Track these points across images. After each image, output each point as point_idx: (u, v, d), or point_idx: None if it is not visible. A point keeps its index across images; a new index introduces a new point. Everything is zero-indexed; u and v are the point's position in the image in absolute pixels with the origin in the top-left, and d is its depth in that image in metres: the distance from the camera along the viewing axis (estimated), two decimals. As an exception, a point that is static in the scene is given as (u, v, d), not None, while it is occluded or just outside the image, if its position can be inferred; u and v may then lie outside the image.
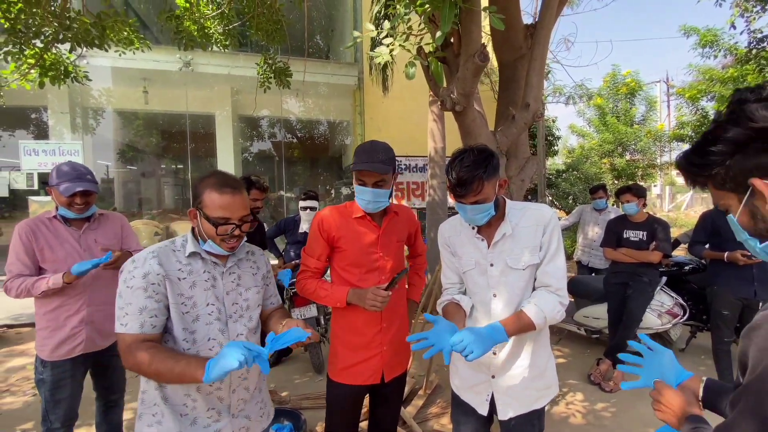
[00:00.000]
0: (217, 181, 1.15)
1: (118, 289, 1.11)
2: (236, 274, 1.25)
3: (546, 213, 1.35)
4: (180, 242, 1.20)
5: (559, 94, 8.69)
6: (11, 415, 2.76)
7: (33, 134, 7.69)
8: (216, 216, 1.12)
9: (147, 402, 1.14)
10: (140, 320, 1.08)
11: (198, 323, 1.14)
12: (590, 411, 2.84)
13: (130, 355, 1.06)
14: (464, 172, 1.21)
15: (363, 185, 1.50)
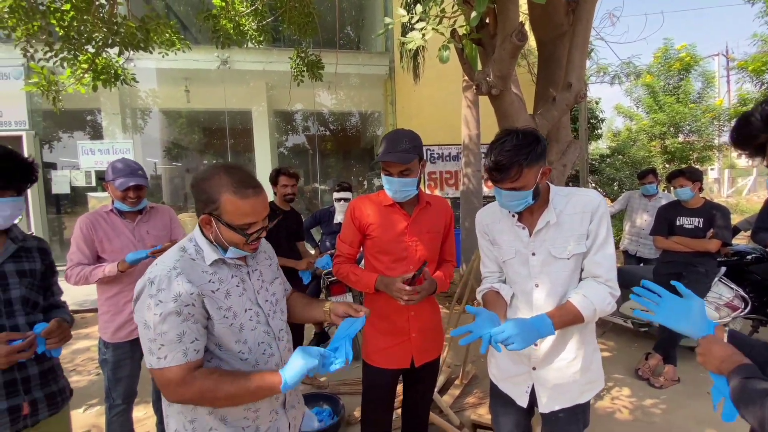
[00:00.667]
0: (234, 182, 1.00)
1: (141, 316, 0.97)
2: (258, 271, 1.18)
3: (594, 199, 1.26)
4: (193, 249, 1.06)
5: (604, 73, 8.16)
6: (78, 392, 3.00)
7: (89, 135, 8.27)
8: (241, 223, 1.01)
9: (200, 429, 1.05)
10: (182, 349, 0.95)
11: (245, 331, 1.07)
12: (638, 407, 2.70)
13: (185, 388, 0.96)
14: (503, 157, 1.15)
15: (389, 175, 1.51)
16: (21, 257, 1.30)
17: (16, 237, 1.31)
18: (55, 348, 1.24)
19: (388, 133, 1.55)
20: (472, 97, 4.85)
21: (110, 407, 1.96)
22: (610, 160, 8.94)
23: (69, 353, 3.75)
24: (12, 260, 1.27)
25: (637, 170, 5.55)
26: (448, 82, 7.15)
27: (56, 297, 1.45)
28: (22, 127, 6.73)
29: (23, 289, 1.27)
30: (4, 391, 1.21)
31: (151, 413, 2.42)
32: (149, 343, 0.96)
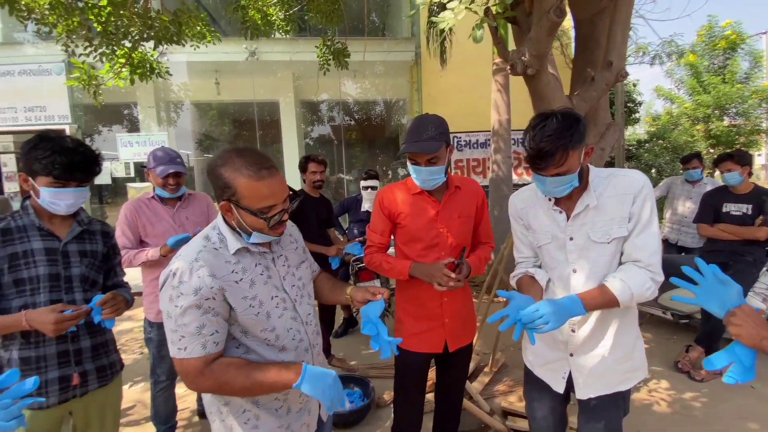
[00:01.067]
0: (247, 164, 0.97)
1: (164, 307, 0.98)
2: (284, 256, 1.16)
3: (637, 180, 1.20)
4: (216, 237, 1.05)
5: (643, 53, 7.70)
6: (125, 369, 3.22)
7: (126, 128, 8.65)
8: (261, 207, 0.98)
9: (235, 410, 1.08)
10: (201, 341, 0.96)
11: (272, 319, 1.06)
12: (677, 400, 2.61)
13: (203, 379, 0.98)
14: (546, 142, 1.08)
15: (416, 164, 1.48)
16: (84, 239, 1.39)
17: (82, 220, 1.40)
18: (109, 318, 1.31)
19: (412, 121, 1.51)
20: (503, 81, 4.71)
21: (155, 383, 2.08)
22: (649, 146, 8.49)
23: (114, 333, 3.98)
24: (76, 241, 1.36)
25: (678, 156, 5.26)
26: (475, 67, 6.98)
27: (119, 277, 1.55)
28: (65, 121, 7.10)
29: (83, 268, 1.36)
30: (56, 361, 1.29)
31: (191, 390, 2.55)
32: (171, 333, 0.98)
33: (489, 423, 2.18)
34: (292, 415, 1.13)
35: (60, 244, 1.32)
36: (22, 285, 1.26)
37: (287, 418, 1.12)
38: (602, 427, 1.28)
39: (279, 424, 1.10)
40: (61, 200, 1.27)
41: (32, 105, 7.01)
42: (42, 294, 1.27)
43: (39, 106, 7.03)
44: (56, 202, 1.27)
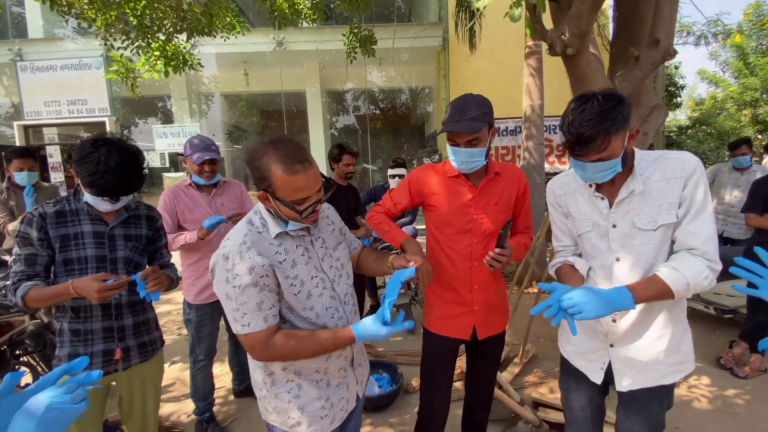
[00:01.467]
0: (282, 159, 1.00)
1: (222, 289, 1.04)
2: (321, 238, 1.20)
3: (689, 162, 1.10)
4: (259, 222, 1.10)
5: (687, 33, 7.22)
6: (165, 349, 3.38)
7: (161, 120, 8.98)
8: (293, 199, 1.02)
9: (279, 381, 1.15)
10: (262, 316, 1.04)
11: (312, 298, 1.12)
12: (718, 396, 2.49)
13: (268, 350, 1.06)
14: (587, 127, 1.01)
15: (455, 145, 1.40)
16: (130, 224, 1.46)
17: (129, 206, 1.46)
18: (153, 292, 1.35)
19: (455, 100, 1.43)
20: (536, 65, 4.54)
21: (194, 362, 2.18)
22: (692, 132, 8.03)
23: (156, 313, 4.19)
24: (122, 225, 1.43)
25: (724, 142, 4.94)
26: (505, 52, 6.77)
27: (164, 258, 1.60)
28: (105, 113, 7.44)
29: (127, 251, 1.43)
30: (102, 335, 1.39)
31: (227, 370, 2.66)
32: (233, 312, 1.03)
33: (520, 413, 2.15)
34: (331, 389, 1.18)
35: (107, 228, 1.39)
36: (71, 264, 1.34)
37: (327, 391, 1.17)
38: (643, 422, 1.24)
39: (319, 395, 1.16)
40: (102, 205, 1.34)
41: (74, 98, 7.38)
42: (89, 273, 1.34)
43: (80, 99, 7.39)
44: (99, 205, 1.34)
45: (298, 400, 1.14)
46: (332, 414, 1.18)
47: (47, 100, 7.35)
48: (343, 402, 1.22)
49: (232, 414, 2.45)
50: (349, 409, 1.25)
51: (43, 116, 7.40)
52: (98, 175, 1.24)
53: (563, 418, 1.47)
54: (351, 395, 1.25)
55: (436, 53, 7.68)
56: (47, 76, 7.28)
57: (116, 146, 1.27)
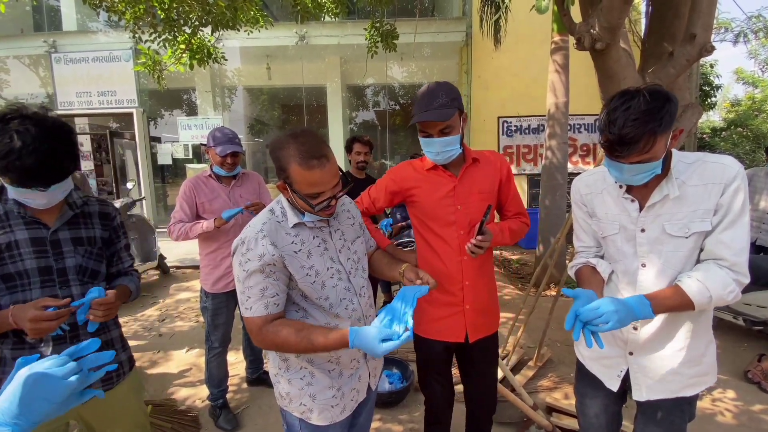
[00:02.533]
0: (301, 156, 1.02)
1: (236, 272, 1.09)
2: (340, 231, 1.22)
3: (731, 168, 1.04)
4: (279, 211, 1.13)
5: (726, 29, 6.87)
6: (182, 335, 3.50)
7: (185, 112, 9.16)
8: (308, 193, 1.04)
9: (293, 367, 1.18)
10: (264, 302, 1.07)
11: (327, 288, 1.14)
12: (744, 411, 2.38)
13: (263, 336, 1.08)
14: (631, 127, 0.94)
15: (428, 136, 1.36)
16: (78, 224, 1.20)
17: (74, 203, 1.19)
18: (95, 322, 1.11)
19: (420, 90, 1.39)
20: (562, 61, 4.41)
21: (209, 349, 2.23)
22: (726, 134, 7.67)
23: (173, 302, 4.32)
24: (67, 227, 1.17)
25: (760, 145, 4.68)
26: (529, 48, 6.61)
27: (124, 264, 1.32)
28: (133, 105, 7.65)
29: (78, 258, 1.17)
30: None
31: (242, 358, 2.71)
32: (240, 294, 1.09)
33: (532, 417, 2.11)
34: (343, 379, 1.20)
35: (48, 233, 1.13)
36: (12, 280, 1.09)
37: (339, 381, 1.19)
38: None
39: (331, 385, 1.18)
40: (30, 199, 1.07)
41: (104, 90, 7.62)
42: (34, 290, 1.10)
43: (110, 90, 7.63)
44: (26, 201, 1.08)
45: (310, 388, 1.17)
46: (342, 404, 1.20)
47: (79, 91, 7.62)
48: (353, 393, 1.23)
49: (245, 402, 2.50)
50: (359, 400, 1.25)
51: (75, 107, 7.67)
52: (13, 156, 0.96)
53: (577, 425, 1.43)
54: (362, 386, 1.26)
55: (458, 49, 7.56)
56: (80, 68, 7.54)
57: (31, 119, 1.00)
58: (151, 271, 5.16)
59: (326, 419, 1.17)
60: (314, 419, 1.17)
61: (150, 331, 3.59)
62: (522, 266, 5.59)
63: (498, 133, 7.34)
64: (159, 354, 3.15)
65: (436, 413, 1.69)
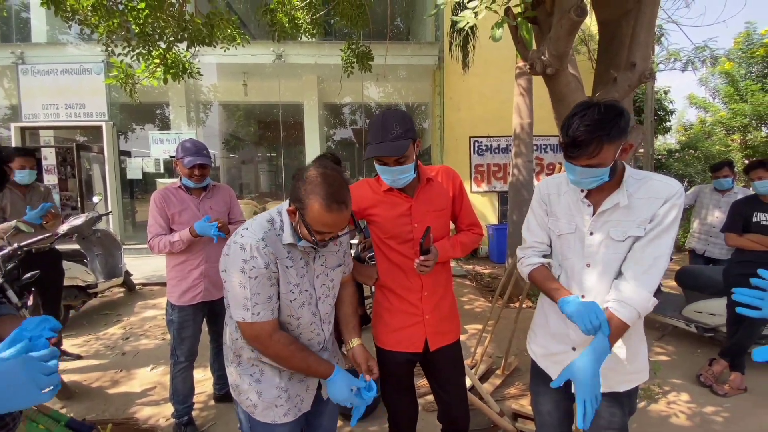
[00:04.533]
0: (326, 195, 1.05)
1: (236, 278, 1.08)
2: (324, 257, 1.26)
3: (673, 186, 1.16)
4: (278, 224, 1.17)
5: (675, 59, 7.47)
6: (147, 353, 3.38)
7: (158, 127, 9.03)
8: (318, 230, 1.08)
9: (244, 363, 1.23)
10: (271, 308, 1.11)
11: (303, 309, 1.19)
12: (697, 413, 2.51)
13: (271, 342, 1.12)
14: (582, 132, 1.06)
15: (384, 164, 1.40)
16: None
17: None
18: None
19: (374, 119, 1.40)
20: (526, 85, 4.68)
21: (174, 363, 2.17)
22: (680, 155, 8.22)
23: (138, 320, 4.17)
24: None
25: (710, 165, 5.07)
26: (497, 72, 6.96)
27: None
28: (102, 118, 7.48)
29: None
30: None
31: (209, 375, 2.65)
32: (245, 300, 1.09)
33: (498, 423, 2.16)
34: (292, 382, 1.25)
35: None
36: None
37: (288, 383, 1.24)
38: (605, 425, 1.26)
39: (278, 384, 1.23)
40: None
41: (73, 102, 7.43)
42: None
43: (79, 103, 7.44)
44: None
45: (258, 385, 1.22)
46: (287, 406, 1.23)
47: (45, 103, 7.39)
48: (298, 399, 1.26)
49: (212, 419, 2.44)
50: (303, 409, 1.27)
51: (40, 119, 7.43)
52: None
53: (539, 428, 1.49)
54: (308, 396, 1.28)
55: (431, 71, 7.86)
56: (47, 80, 7.34)
57: None
58: (116, 288, 4.98)
59: (268, 417, 1.22)
60: (258, 415, 1.22)
61: (113, 350, 3.45)
62: (493, 280, 5.73)
63: (470, 152, 7.60)
64: (121, 373, 3.03)
65: (399, 425, 1.69)
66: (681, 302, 3.47)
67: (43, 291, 2.93)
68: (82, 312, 4.35)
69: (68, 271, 3.44)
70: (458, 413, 1.64)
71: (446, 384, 1.62)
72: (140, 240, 7.86)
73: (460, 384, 1.65)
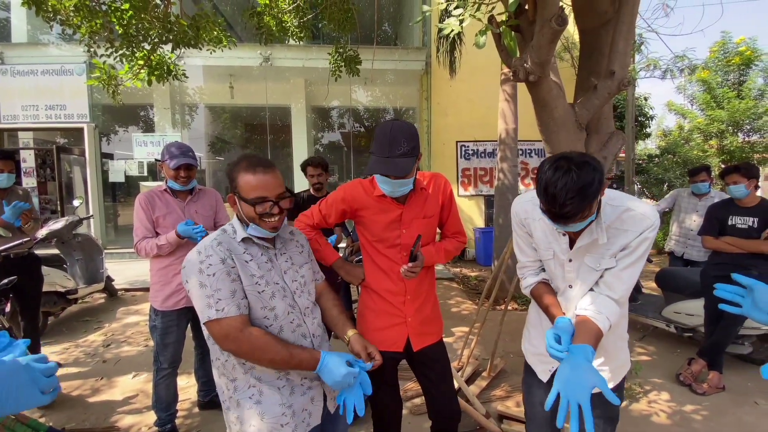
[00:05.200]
0: (249, 163, 1.15)
1: (195, 280, 1.09)
2: (287, 255, 1.27)
3: (648, 219, 1.15)
4: (230, 229, 1.21)
5: (654, 67, 7.71)
6: (129, 360, 3.30)
7: (142, 129, 8.88)
8: (252, 197, 1.12)
9: (241, 387, 1.16)
10: (236, 303, 1.09)
11: (275, 299, 1.17)
12: (677, 412, 2.58)
13: (243, 337, 1.08)
14: (570, 206, 1.01)
15: (385, 176, 1.39)
16: None
17: None
18: None
19: (381, 129, 1.38)
20: (511, 91, 4.76)
21: (157, 370, 2.13)
22: (659, 160, 8.45)
23: (120, 326, 4.07)
24: None
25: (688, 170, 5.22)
26: (484, 77, 7.06)
27: None
28: (84, 119, 7.33)
29: None
30: None
31: (193, 382, 2.60)
32: (207, 299, 1.08)
33: (484, 425, 2.18)
34: (295, 397, 1.19)
35: None
36: None
37: (290, 398, 1.18)
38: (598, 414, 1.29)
39: (281, 402, 1.16)
40: None
41: (53, 103, 7.26)
42: None
43: (59, 104, 7.27)
44: None
45: (259, 406, 1.15)
46: (294, 423, 1.17)
47: (25, 105, 7.20)
48: (305, 414, 1.21)
49: (196, 426, 2.40)
50: (312, 423, 1.22)
51: (19, 120, 7.23)
52: None
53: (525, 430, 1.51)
54: (315, 409, 1.24)
55: (419, 76, 7.93)
56: (28, 81, 7.16)
57: None
58: (97, 294, 4.86)
59: None
60: None
61: (93, 358, 3.36)
62: (480, 282, 5.78)
63: (456, 157, 7.67)
64: (102, 381, 2.95)
65: (383, 419, 1.71)
66: (661, 303, 3.56)
67: (21, 297, 2.84)
68: (62, 319, 4.23)
69: (47, 277, 3.35)
70: (452, 407, 1.68)
71: (439, 382, 1.64)
72: (123, 244, 7.70)
73: (450, 386, 1.68)
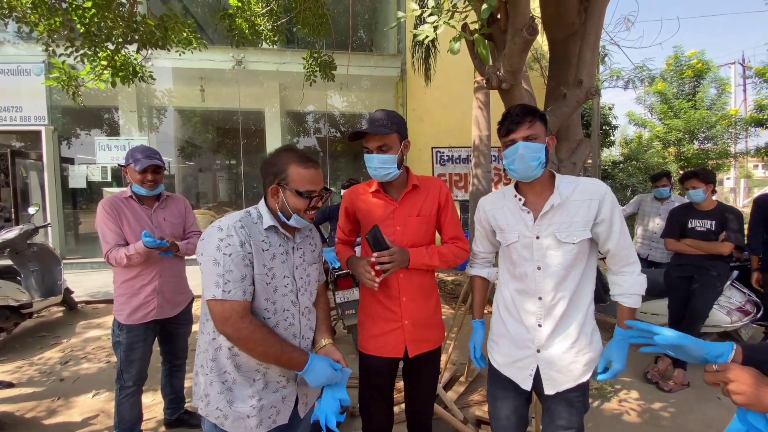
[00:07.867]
0: (300, 157, 1.20)
1: (209, 255, 1.10)
2: (302, 250, 1.30)
3: (600, 186, 1.29)
4: (255, 214, 1.22)
5: (617, 78, 8.11)
6: (89, 379, 3.10)
7: (106, 132, 8.46)
8: (305, 189, 1.18)
9: (217, 369, 1.17)
10: (243, 288, 1.10)
11: (277, 294, 1.19)
12: (646, 410, 2.67)
13: (242, 324, 1.09)
14: (517, 110, 1.27)
15: (368, 152, 1.50)
16: None
17: None
18: None
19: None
20: (483, 98, 4.86)
21: (121, 389, 2.00)
22: (623, 166, 8.86)
23: (80, 342, 3.83)
24: None
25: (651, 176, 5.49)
26: (458, 85, 7.19)
27: None
28: (42, 122, 6.93)
29: None
30: None
31: (159, 399, 2.47)
32: (217, 277, 1.09)
33: (462, 431, 2.18)
34: (267, 392, 1.21)
35: None
36: None
37: (262, 393, 1.20)
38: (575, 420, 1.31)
39: (251, 394, 1.18)
40: None
41: (8, 105, 6.83)
42: None
43: (15, 106, 6.85)
44: None
45: (228, 393, 1.17)
46: (259, 417, 1.18)
47: (-25, 106, 6.74)
48: (273, 410, 1.21)
49: (162, 446, 2.27)
50: (279, 421, 1.23)
51: (-31, 122, 6.76)
52: None
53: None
54: (285, 408, 1.25)
55: (394, 83, 7.99)
56: (-22, 81, 6.71)
57: None
58: (55, 308, 4.56)
59: (239, 428, 1.18)
60: (228, 426, 1.18)
61: (49, 376, 3.14)
62: (457, 287, 5.83)
63: (432, 162, 7.75)
64: (59, 401, 2.75)
65: None
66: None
67: (-34, 313, 2.62)
68: (15, 335, 3.94)
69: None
70: (426, 423, 1.69)
71: (422, 393, 1.65)
72: (84, 254, 7.29)
73: (432, 392, 1.69)
